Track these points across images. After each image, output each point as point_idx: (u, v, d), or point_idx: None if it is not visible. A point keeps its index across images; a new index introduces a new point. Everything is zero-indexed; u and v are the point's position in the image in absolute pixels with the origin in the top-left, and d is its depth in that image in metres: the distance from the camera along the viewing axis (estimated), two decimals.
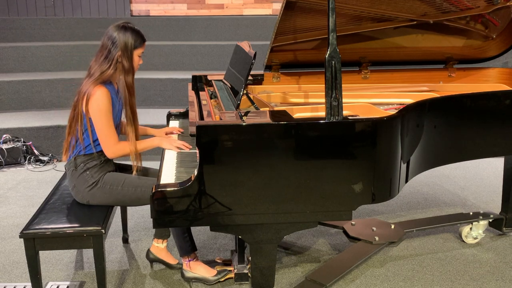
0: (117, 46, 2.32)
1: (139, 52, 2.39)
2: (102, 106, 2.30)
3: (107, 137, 2.35)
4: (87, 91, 2.31)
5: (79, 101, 2.35)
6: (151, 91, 5.55)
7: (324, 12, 2.33)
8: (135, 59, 2.38)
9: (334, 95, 2.04)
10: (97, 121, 2.33)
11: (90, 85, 2.32)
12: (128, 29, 2.35)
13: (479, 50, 3.13)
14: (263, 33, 6.32)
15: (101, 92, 2.30)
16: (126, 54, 2.33)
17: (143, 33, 2.41)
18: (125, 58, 2.33)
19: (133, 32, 2.36)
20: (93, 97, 2.30)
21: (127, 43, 2.32)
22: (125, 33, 2.33)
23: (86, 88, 2.33)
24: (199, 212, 2.04)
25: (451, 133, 2.58)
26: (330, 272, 2.66)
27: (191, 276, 2.65)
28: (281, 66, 3.05)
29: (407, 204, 3.73)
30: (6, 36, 6.31)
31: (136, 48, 2.36)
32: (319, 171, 2.06)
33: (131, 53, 2.35)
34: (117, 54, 2.32)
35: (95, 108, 2.30)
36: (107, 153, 2.38)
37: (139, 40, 2.37)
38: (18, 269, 2.84)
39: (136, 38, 2.35)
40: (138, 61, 2.42)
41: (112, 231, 3.22)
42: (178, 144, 2.41)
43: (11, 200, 3.83)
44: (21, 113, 5.25)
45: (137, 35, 2.36)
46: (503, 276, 2.78)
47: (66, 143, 2.45)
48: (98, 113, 2.31)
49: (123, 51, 2.32)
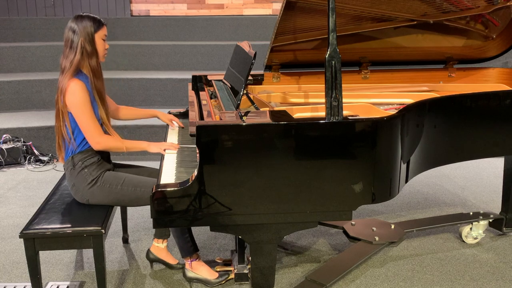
0: (78, 34, 2.38)
1: (101, 34, 2.44)
2: (78, 97, 2.33)
3: (90, 128, 2.36)
4: (63, 86, 2.35)
5: (58, 98, 2.39)
6: (151, 91, 5.55)
7: (324, 12, 2.34)
8: (99, 42, 2.43)
9: (334, 95, 2.04)
10: (77, 113, 2.35)
11: (64, 79, 2.36)
12: (84, 16, 2.41)
13: (479, 50, 3.13)
14: (263, 33, 6.32)
15: (75, 84, 2.33)
16: (88, 38, 2.38)
17: (100, 18, 2.47)
18: (87, 42, 2.39)
19: (90, 18, 2.42)
20: (68, 91, 2.33)
21: (86, 28, 2.38)
22: (82, 20, 2.39)
23: (61, 84, 2.37)
24: (199, 212, 2.04)
25: (451, 133, 2.58)
26: (330, 272, 2.66)
27: (193, 276, 2.65)
28: (281, 66, 3.05)
29: (407, 204, 3.73)
30: (6, 36, 6.31)
31: (97, 31, 2.41)
32: (319, 171, 2.06)
33: (92, 36, 2.40)
34: (80, 40, 2.38)
35: (72, 101, 2.33)
36: (92, 144, 2.39)
37: (98, 24, 2.42)
38: (18, 269, 2.84)
39: (94, 22, 2.41)
40: (103, 45, 2.46)
41: (112, 231, 3.22)
42: (166, 147, 2.48)
43: (11, 200, 3.83)
44: (21, 113, 5.25)
45: (94, 19, 2.42)
46: (503, 276, 2.78)
47: (57, 143, 2.48)
48: (76, 105, 2.33)
49: (85, 36, 2.38)
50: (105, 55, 2.50)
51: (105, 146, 2.41)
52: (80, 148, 2.42)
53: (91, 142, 2.39)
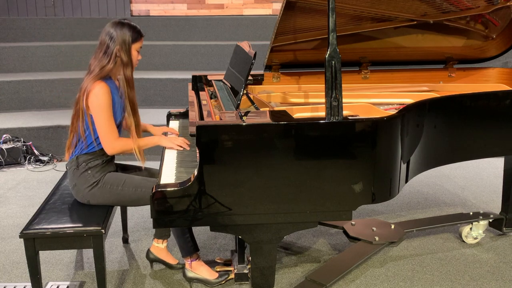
0: (115, 41, 2.36)
1: (137, 46, 2.43)
2: (101, 101, 2.32)
3: (107, 133, 2.36)
4: (87, 87, 2.34)
5: (80, 97, 2.38)
6: (151, 91, 5.55)
7: (324, 12, 2.34)
8: (133, 53, 2.42)
9: (334, 95, 2.04)
10: (97, 116, 2.34)
11: (90, 81, 2.35)
12: (125, 24, 2.39)
13: (479, 50, 3.13)
14: (263, 33, 6.32)
15: (100, 87, 2.32)
16: (124, 48, 2.37)
17: (140, 29, 2.45)
18: (123, 52, 2.37)
19: (130, 27, 2.40)
20: (92, 92, 2.32)
21: (124, 37, 2.37)
22: (122, 28, 2.37)
23: (86, 84, 2.36)
24: (199, 212, 2.04)
25: (451, 133, 2.57)
26: (330, 272, 2.66)
27: (193, 276, 2.65)
28: (281, 66, 3.05)
29: (407, 204, 3.73)
30: (6, 36, 6.31)
31: (134, 43, 2.40)
32: (319, 171, 2.06)
33: (129, 47, 2.39)
34: (116, 49, 2.36)
35: (95, 103, 2.32)
36: (106, 149, 2.39)
37: (136, 35, 2.41)
38: (18, 269, 2.84)
39: (133, 32, 2.40)
40: (136, 56, 2.45)
41: (112, 231, 3.22)
42: (179, 142, 2.46)
43: (11, 200, 3.83)
44: (21, 113, 5.25)
45: (134, 30, 2.41)
46: (503, 276, 2.78)
47: (69, 141, 2.47)
48: (97, 108, 2.33)
49: (121, 45, 2.36)
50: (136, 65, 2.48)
51: (120, 151, 2.41)
52: (88, 149, 2.41)
53: (107, 147, 2.38)
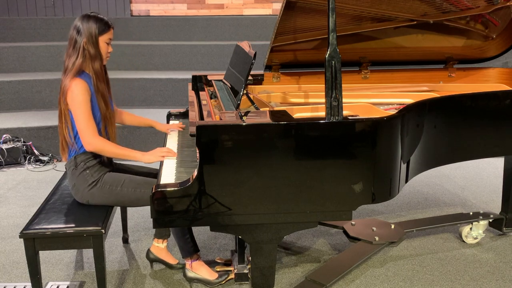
0: (82, 34, 2.36)
1: (105, 38, 2.41)
2: (78, 96, 2.31)
3: (84, 128, 2.33)
4: (64, 86, 2.35)
5: (60, 98, 2.38)
6: (151, 91, 5.55)
7: (324, 12, 2.34)
8: (102, 45, 2.41)
9: (334, 95, 2.04)
10: (75, 112, 2.34)
11: (66, 79, 2.35)
12: (91, 17, 2.38)
13: (479, 50, 3.13)
14: (263, 33, 6.32)
15: (76, 84, 2.32)
16: (91, 40, 2.36)
17: (108, 20, 2.43)
18: (90, 44, 2.37)
19: (97, 19, 2.39)
20: (69, 90, 2.32)
21: (91, 30, 2.36)
22: (88, 21, 2.37)
23: (64, 84, 2.36)
24: (199, 212, 2.04)
25: (451, 133, 2.57)
26: (330, 272, 2.66)
27: (193, 276, 2.65)
28: (281, 66, 3.05)
29: (407, 204, 3.73)
30: (6, 36, 6.31)
31: (101, 34, 2.39)
32: (319, 171, 2.06)
33: (96, 39, 2.38)
34: (83, 42, 2.36)
35: (72, 100, 2.32)
36: (84, 144, 2.37)
37: (104, 26, 2.39)
38: (18, 269, 2.84)
39: (100, 24, 2.38)
40: (106, 48, 2.44)
41: (112, 231, 3.22)
42: (163, 154, 2.42)
43: (11, 200, 3.83)
44: (21, 113, 5.25)
45: (101, 21, 2.39)
46: (503, 276, 2.78)
47: (60, 145, 2.48)
48: (75, 104, 2.32)
49: (88, 37, 2.36)
50: (107, 58, 2.48)
51: (96, 148, 2.37)
52: (83, 149, 2.41)
53: (83, 141, 2.36)
